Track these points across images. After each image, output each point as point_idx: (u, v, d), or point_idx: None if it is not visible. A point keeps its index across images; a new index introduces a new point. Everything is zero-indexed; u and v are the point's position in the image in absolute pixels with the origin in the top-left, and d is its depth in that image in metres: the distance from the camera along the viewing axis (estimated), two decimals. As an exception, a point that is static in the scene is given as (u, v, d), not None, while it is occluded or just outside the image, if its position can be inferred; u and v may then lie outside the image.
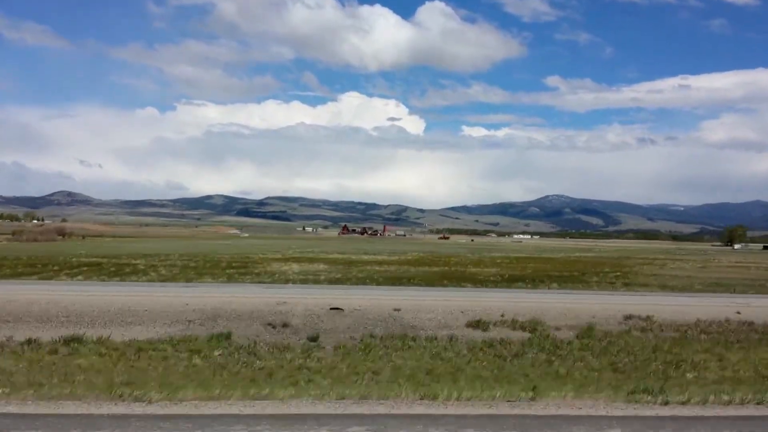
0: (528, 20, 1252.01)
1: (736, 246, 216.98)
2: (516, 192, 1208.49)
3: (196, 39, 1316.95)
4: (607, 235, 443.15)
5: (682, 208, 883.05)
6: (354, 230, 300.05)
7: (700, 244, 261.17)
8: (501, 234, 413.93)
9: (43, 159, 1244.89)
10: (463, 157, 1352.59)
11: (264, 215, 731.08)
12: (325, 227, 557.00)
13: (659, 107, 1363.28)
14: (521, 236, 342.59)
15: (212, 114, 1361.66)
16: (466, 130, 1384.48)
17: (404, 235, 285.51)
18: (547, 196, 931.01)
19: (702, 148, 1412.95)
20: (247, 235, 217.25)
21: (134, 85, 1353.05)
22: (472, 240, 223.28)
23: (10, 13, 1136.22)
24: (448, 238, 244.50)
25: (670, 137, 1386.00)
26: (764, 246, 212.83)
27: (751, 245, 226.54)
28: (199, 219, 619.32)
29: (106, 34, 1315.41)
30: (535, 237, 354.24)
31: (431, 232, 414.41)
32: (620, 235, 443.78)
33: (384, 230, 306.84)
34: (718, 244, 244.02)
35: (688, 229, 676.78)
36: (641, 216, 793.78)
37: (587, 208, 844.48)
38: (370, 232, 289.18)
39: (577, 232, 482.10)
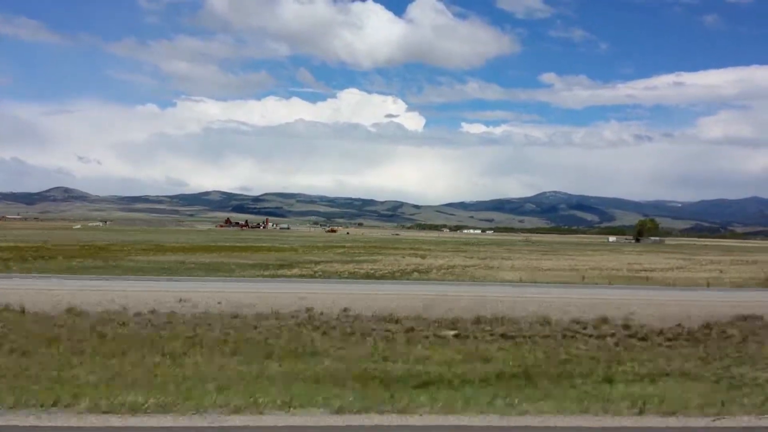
0: (521, 17, 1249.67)
1: (611, 239, 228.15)
2: (514, 188, 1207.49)
3: (189, 35, 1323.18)
4: (572, 231, 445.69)
5: (679, 205, 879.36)
6: (237, 223, 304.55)
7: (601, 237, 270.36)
8: (455, 228, 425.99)
9: (43, 155, 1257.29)
10: (462, 154, 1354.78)
11: (258, 211, 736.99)
12: (316, 223, 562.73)
13: (655, 104, 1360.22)
14: (472, 231, 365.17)
15: (212, 110, 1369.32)
16: (465, 127, 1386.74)
17: (288, 228, 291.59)
18: (544, 193, 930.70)
19: (698, 145, 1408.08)
20: (78, 226, 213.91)
21: (132, 81, 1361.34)
22: (348, 233, 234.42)
23: (1, 9, 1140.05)
24: (335, 231, 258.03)
25: (667, 134, 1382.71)
26: (637, 239, 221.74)
27: (651, 238, 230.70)
28: (191, 215, 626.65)
29: (99, 30, 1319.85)
30: (488, 232, 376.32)
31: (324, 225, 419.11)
32: (589, 229, 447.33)
33: (266, 222, 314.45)
34: (628, 237, 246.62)
35: (682, 225, 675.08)
36: (637, 212, 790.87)
37: (583, 204, 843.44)
38: (251, 225, 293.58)
39: (547, 228, 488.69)
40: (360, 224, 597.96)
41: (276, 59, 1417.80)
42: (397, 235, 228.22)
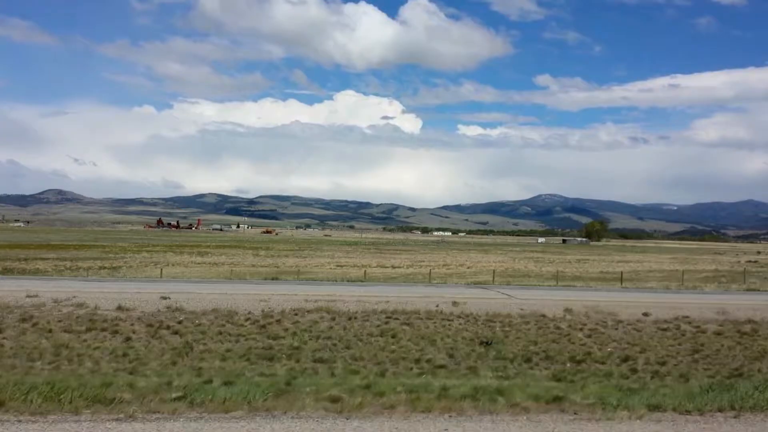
0: (515, 19, 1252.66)
1: (540, 240, 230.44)
2: (511, 191, 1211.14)
3: (182, 36, 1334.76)
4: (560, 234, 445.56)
5: (675, 208, 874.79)
6: (169, 224, 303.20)
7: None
8: (426, 230, 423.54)
9: (38, 157, 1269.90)
10: (459, 156, 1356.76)
11: (252, 214, 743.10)
12: (308, 226, 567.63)
13: (650, 106, 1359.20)
14: (443, 233, 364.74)
15: (208, 112, 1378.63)
16: (462, 129, 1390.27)
17: (220, 230, 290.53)
18: (540, 195, 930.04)
19: (694, 147, 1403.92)
20: None
21: (126, 83, 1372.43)
22: (276, 234, 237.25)
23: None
24: (271, 232, 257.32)
25: (663, 136, 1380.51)
26: (563, 240, 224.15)
27: (579, 239, 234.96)
28: (185, 218, 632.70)
29: (91, 31, 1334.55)
30: (461, 234, 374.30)
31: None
32: (573, 231, 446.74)
33: (198, 224, 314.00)
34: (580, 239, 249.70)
35: (677, 228, 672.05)
36: (631, 215, 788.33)
37: (578, 207, 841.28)
38: (182, 226, 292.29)
39: (522, 231, 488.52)
40: (351, 227, 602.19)
41: (270, 61, 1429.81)
42: (328, 236, 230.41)
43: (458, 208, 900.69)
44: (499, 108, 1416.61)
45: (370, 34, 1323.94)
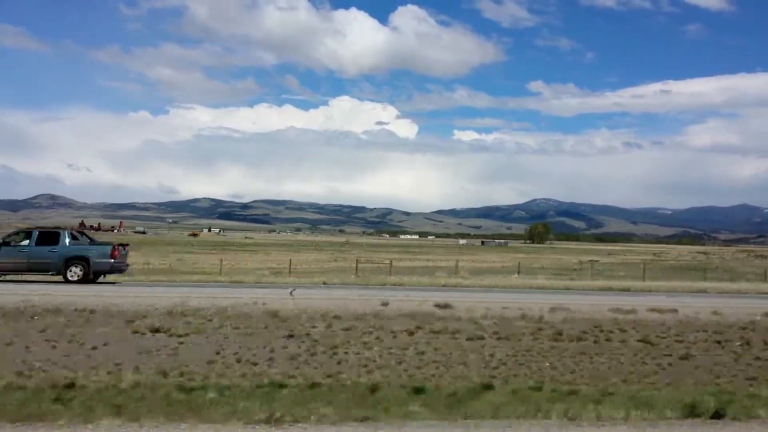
0: (507, 26, 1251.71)
1: (461, 242, 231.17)
2: (506, 195, 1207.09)
3: (173, 42, 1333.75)
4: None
5: (669, 212, 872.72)
6: (92, 226, 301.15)
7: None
8: (394, 234, 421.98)
9: (33, 162, 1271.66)
10: (454, 161, 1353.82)
11: (245, 218, 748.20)
12: (298, 230, 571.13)
13: (644, 112, 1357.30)
14: (409, 236, 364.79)
15: (204, 117, 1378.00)
16: (457, 134, 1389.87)
17: (143, 232, 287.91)
18: (534, 200, 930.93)
19: (687, 153, 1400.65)
20: None
21: (119, 89, 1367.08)
22: (196, 236, 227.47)
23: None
24: (196, 235, 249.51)
25: (656, 142, 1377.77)
26: (482, 241, 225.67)
27: (495, 241, 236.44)
28: (175, 222, 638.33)
29: (81, 36, 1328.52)
30: (430, 237, 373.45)
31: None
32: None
33: (120, 226, 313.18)
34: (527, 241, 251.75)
35: (670, 232, 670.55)
36: (625, 219, 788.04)
37: (572, 211, 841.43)
38: (104, 229, 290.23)
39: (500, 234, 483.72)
40: (342, 231, 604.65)
41: (262, 67, 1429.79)
42: (249, 238, 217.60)
43: (453, 212, 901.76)
44: (493, 113, 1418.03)
45: (362, 40, 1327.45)
